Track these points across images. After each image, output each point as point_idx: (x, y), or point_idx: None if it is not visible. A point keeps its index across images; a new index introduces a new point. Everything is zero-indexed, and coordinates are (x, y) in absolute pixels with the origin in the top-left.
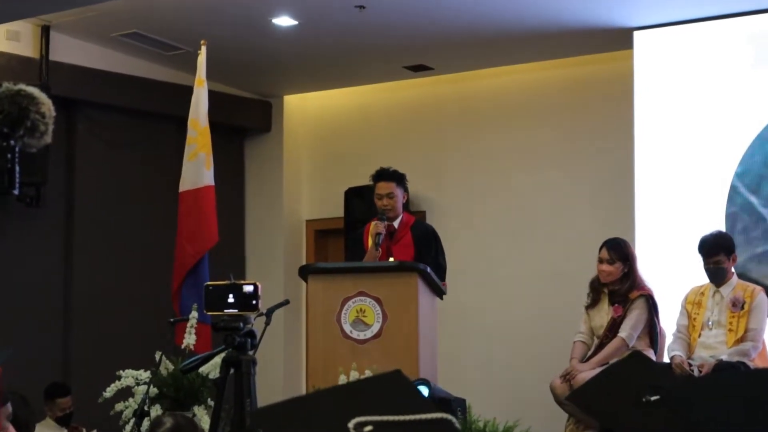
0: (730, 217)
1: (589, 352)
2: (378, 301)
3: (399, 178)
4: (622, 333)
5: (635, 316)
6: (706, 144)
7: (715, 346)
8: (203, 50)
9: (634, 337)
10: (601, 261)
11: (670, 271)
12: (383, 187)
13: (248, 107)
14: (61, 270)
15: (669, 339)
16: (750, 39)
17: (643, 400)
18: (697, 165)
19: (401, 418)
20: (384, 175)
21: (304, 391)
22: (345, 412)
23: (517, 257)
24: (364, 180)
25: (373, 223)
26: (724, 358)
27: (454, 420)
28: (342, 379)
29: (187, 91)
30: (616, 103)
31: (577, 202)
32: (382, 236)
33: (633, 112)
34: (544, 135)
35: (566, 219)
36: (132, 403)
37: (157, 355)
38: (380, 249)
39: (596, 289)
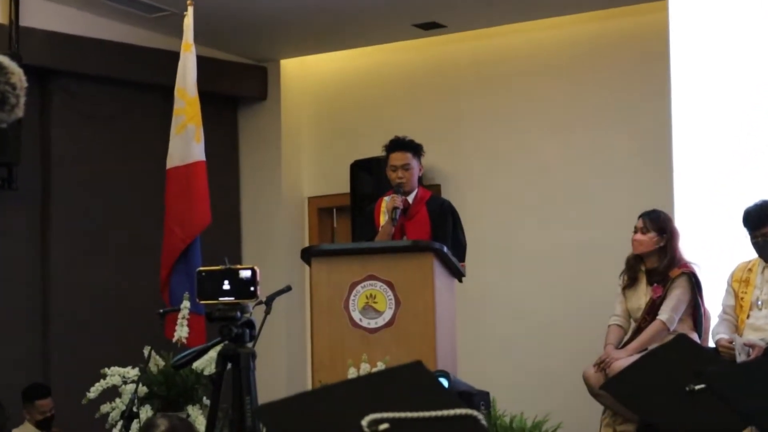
0: None
1: (626, 337)
2: (390, 285)
3: (415, 149)
4: (662, 315)
5: (676, 297)
6: (750, 104)
7: (765, 328)
8: (190, 11)
9: (675, 319)
10: (635, 231)
11: (714, 246)
12: (398, 158)
13: (241, 73)
14: (37, 258)
15: (714, 321)
16: None
17: (687, 389)
18: (741, 127)
19: (421, 414)
20: (399, 144)
21: (309, 387)
22: (357, 409)
23: (544, 233)
24: (372, 152)
25: (385, 199)
26: None
27: (480, 417)
28: (352, 372)
29: (174, 57)
30: (650, 60)
31: (609, 171)
32: (399, 211)
33: (668, 70)
34: (570, 97)
35: (597, 189)
36: (119, 404)
37: (146, 351)
38: (394, 225)
39: (633, 267)
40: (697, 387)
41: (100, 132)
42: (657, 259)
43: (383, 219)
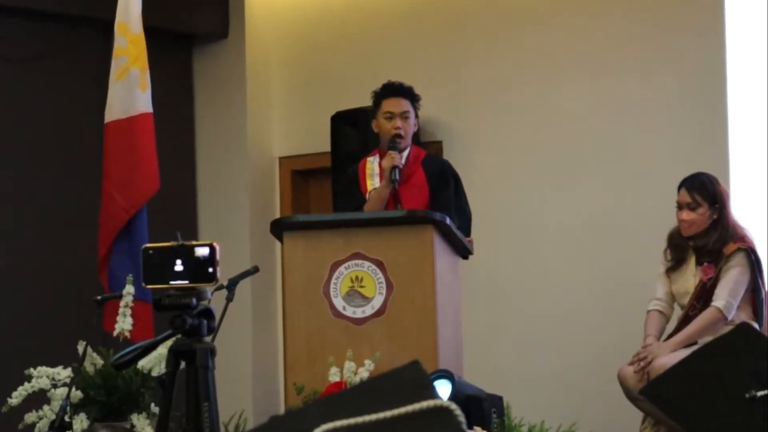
0: None
1: (670, 328)
2: (380, 265)
3: (414, 97)
4: (718, 302)
5: (734, 278)
6: None
7: None
8: None
9: (734, 306)
10: (680, 207)
11: None
12: (396, 104)
13: (197, 5)
14: None
15: None
16: None
17: (748, 395)
18: None
19: (380, 415)
20: (396, 89)
21: (281, 389)
22: (308, 424)
23: (569, 201)
24: (357, 101)
25: (369, 159)
26: None
27: (454, 408)
28: (333, 372)
29: None
30: None
31: (648, 125)
32: (399, 171)
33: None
34: (600, 36)
35: (633, 148)
36: (47, 413)
37: (81, 347)
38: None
39: (678, 245)
40: (760, 393)
41: (21, 77)
42: (707, 233)
43: (370, 184)
